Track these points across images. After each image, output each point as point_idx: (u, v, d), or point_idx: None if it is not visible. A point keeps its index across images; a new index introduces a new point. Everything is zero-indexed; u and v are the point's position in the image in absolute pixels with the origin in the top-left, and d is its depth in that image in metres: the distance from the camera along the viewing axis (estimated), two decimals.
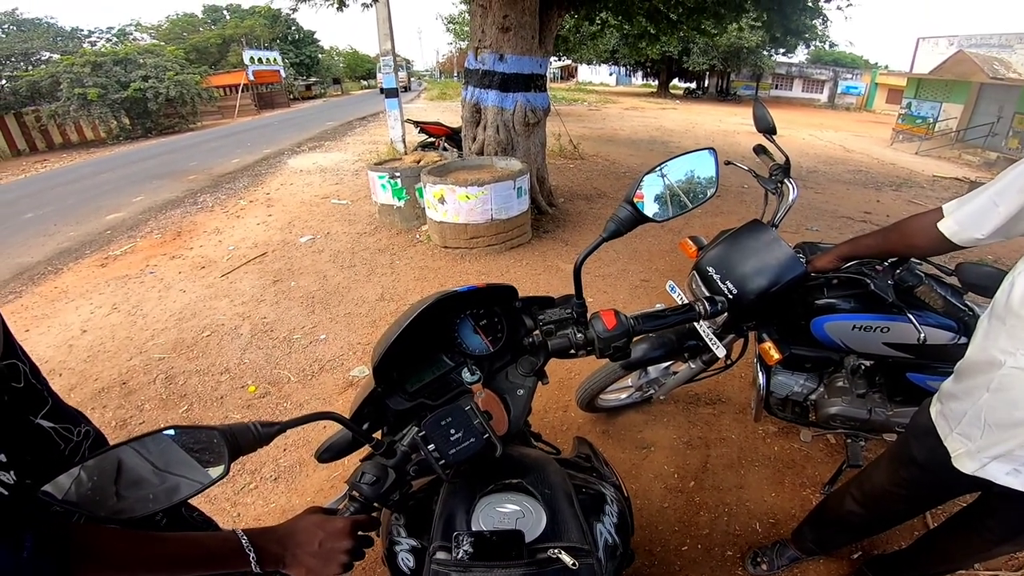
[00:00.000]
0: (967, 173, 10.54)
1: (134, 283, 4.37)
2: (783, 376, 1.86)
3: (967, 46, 15.79)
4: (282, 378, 2.97)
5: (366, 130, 13.90)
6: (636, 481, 2.18)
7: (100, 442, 0.86)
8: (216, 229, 5.71)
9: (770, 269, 1.44)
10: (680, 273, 3.95)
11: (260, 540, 0.74)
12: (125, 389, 2.92)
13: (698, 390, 2.70)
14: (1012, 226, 1.00)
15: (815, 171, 9.31)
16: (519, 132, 5.31)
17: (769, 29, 8.11)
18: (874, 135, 17.52)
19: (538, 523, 0.80)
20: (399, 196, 5.12)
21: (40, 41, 21.86)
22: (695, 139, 12.59)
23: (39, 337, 3.55)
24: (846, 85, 32.97)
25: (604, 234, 0.94)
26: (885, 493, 1.35)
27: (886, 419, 1.71)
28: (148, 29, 33.36)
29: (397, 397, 0.96)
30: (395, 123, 8.70)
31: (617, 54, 27.77)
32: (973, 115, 15.12)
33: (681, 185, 1.03)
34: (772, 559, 1.79)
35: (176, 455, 0.65)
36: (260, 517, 2.09)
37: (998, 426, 1.00)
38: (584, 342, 0.94)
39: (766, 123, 1.74)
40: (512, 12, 4.72)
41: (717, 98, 32.56)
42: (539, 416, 2.56)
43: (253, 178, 8.22)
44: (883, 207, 6.85)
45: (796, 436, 2.39)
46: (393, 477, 0.82)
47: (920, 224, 1.17)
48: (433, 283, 4.12)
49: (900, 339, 1.54)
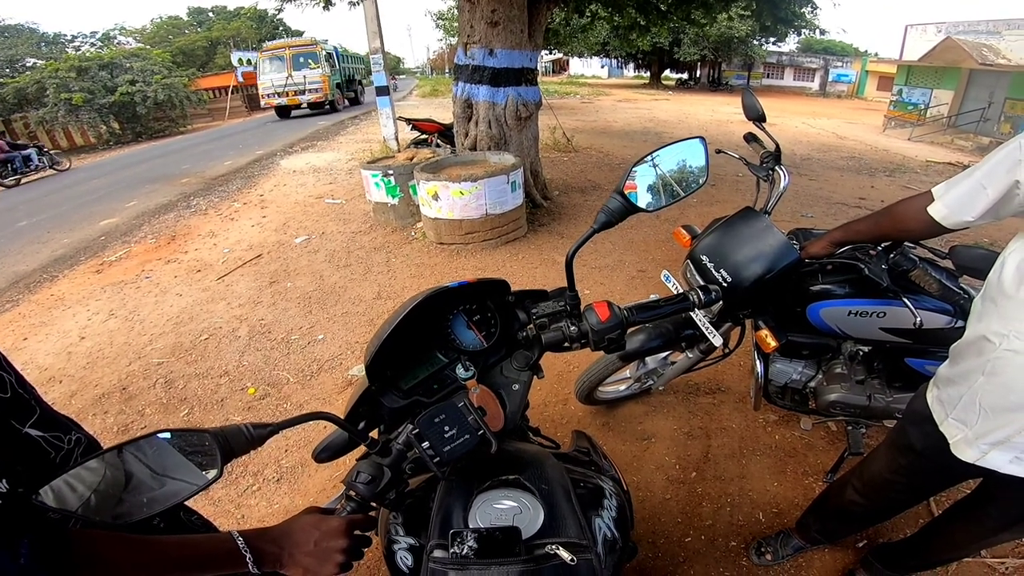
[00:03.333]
0: (960, 158, 10.55)
1: (130, 288, 4.35)
2: (781, 364, 1.86)
3: (955, 33, 15.75)
4: (281, 379, 2.96)
5: (358, 129, 13.82)
6: (638, 473, 2.19)
7: (92, 449, 0.85)
8: (211, 232, 5.68)
9: (764, 256, 1.44)
10: (677, 262, 3.95)
11: (256, 541, 0.74)
12: (125, 394, 2.91)
13: (697, 379, 2.70)
14: (1001, 207, 0.99)
15: (809, 158, 9.31)
16: (511, 126, 5.29)
17: (759, 18, 8.10)
18: (866, 122, 17.51)
19: (536, 519, 0.79)
20: (393, 194, 5.10)
21: (24, 47, 21.70)
22: (688, 129, 12.57)
23: (38, 345, 3.54)
24: (837, 73, 33.00)
25: (595, 225, 0.93)
26: (885, 482, 1.35)
27: (886, 405, 1.71)
28: (132, 33, 33.11)
29: (391, 395, 0.95)
30: (387, 121, 8.66)
31: (608, 46, 27.66)
32: (964, 101, 15.11)
33: (672, 174, 1.03)
34: (776, 549, 1.79)
35: (172, 458, 0.65)
36: (264, 518, 2.09)
37: (994, 410, 0.99)
38: (578, 335, 0.94)
39: (755, 111, 1.73)
40: (500, 6, 4.70)
41: (709, 88, 32.52)
42: (538, 410, 2.56)
43: (246, 180, 8.18)
44: (877, 193, 6.85)
45: (797, 424, 2.40)
46: (389, 476, 0.81)
47: (911, 208, 1.17)
48: (429, 280, 4.11)
49: (897, 324, 1.54)
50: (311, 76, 17.30)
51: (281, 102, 17.30)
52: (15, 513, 0.60)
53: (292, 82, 17.00)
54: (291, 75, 17.04)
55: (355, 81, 22.54)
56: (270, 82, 17.09)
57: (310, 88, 17.26)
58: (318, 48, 17.54)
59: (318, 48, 17.54)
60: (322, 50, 17.60)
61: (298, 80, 17.11)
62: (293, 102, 17.38)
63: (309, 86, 17.25)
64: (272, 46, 18.04)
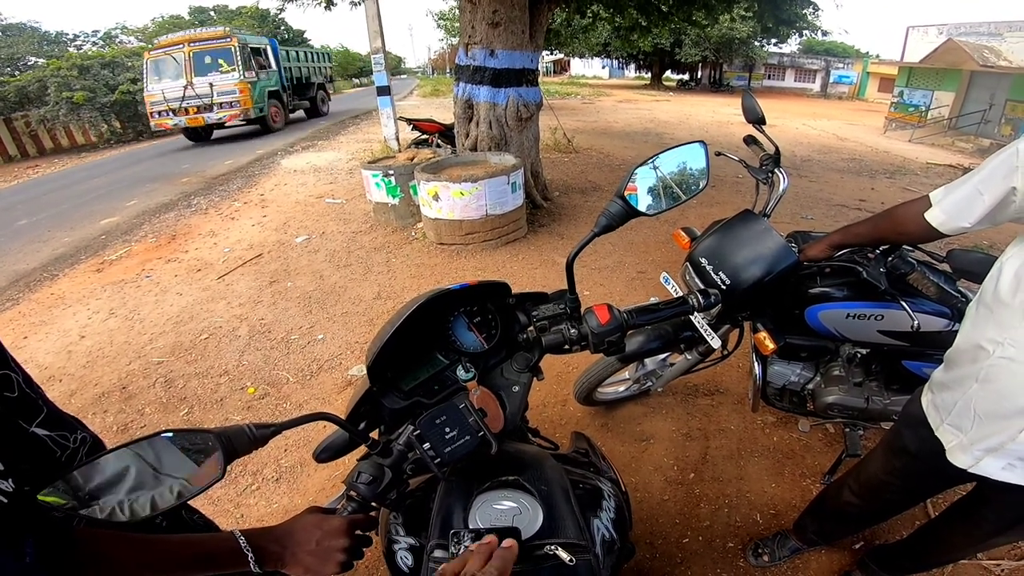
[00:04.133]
0: (961, 160, 10.55)
1: (130, 287, 4.36)
2: (779, 366, 1.87)
3: (956, 35, 15.76)
4: (281, 379, 2.97)
5: (359, 128, 13.82)
6: (636, 474, 2.19)
7: (97, 448, 0.86)
8: (211, 231, 5.69)
9: (763, 259, 1.45)
10: (676, 264, 3.96)
11: (258, 540, 0.75)
12: (125, 394, 2.92)
13: (696, 381, 2.71)
14: (998, 213, 0.99)
15: (809, 160, 9.32)
16: (512, 127, 5.30)
17: (760, 19, 8.11)
18: (867, 123, 17.52)
19: (535, 520, 0.80)
20: (393, 194, 5.10)
21: (25, 46, 21.65)
22: (689, 130, 12.58)
23: (38, 344, 3.54)
24: (838, 74, 33.00)
25: (596, 229, 0.94)
26: (880, 483, 1.36)
27: (883, 407, 1.72)
28: (134, 32, 33.01)
29: (392, 396, 0.96)
30: (388, 121, 8.66)
31: (609, 47, 27.66)
32: (965, 103, 15.13)
33: (673, 177, 1.03)
34: (774, 550, 1.80)
35: (175, 458, 0.66)
36: (263, 518, 2.09)
37: (988, 417, 0.99)
38: (578, 337, 0.95)
39: (755, 114, 1.74)
40: (501, 7, 4.71)
41: (710, 89, 32.53)
42: (538, 411, 2.56)
43: (247, 179, 8.18)
44: (877, 195, 6.86)
45: (795, 426, 2.41)
46: (390, 476, 0.82)
47: (909, 212, 1.17)
48: (429, 280, 4.12)
49: (894, 327, 1.55)
50: (221, 84, 11.82)
51: (178, 122, 11.98)
52: (20, 512, 0.61)
53: (193, 94, 11.69)
54: (191, 83, 11.68)
55: (313, 85, 17.21)
56: (161, 94, 11.75)
57: (221, 101, 11.83)
58: (232, 42, 11.93)
59: (232, 42, 11.93)
60: (238, 44, 11.98)
61: (201, 90, 11.72)
62: (195, 123, 12.00)
63: (219, 98, 11.81)
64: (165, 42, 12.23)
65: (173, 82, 11.77)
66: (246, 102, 12.09)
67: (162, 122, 12.07)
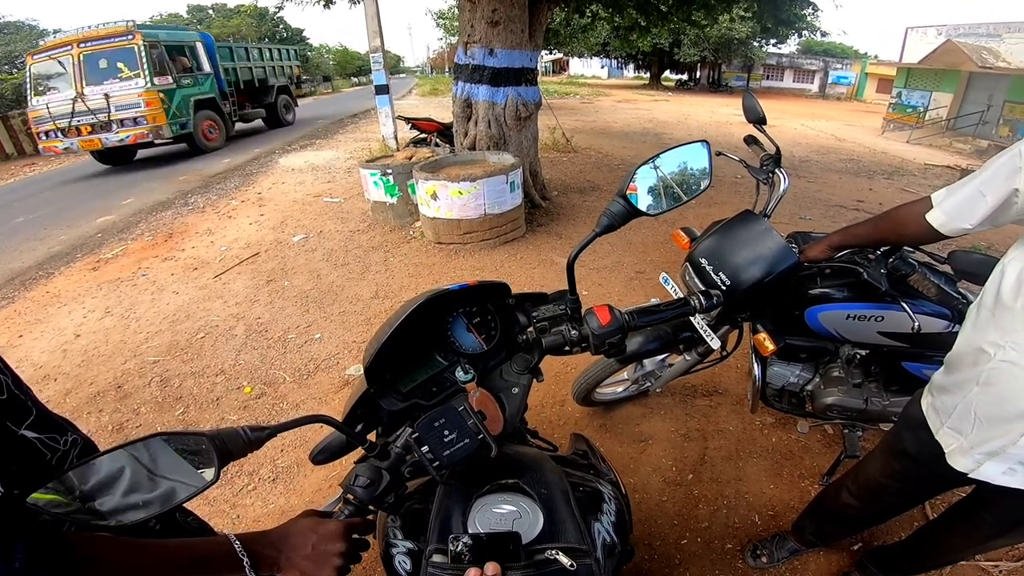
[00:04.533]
0: (958, 161, 10.58)
1: (126, 286, 4.33)
2: (779, 367, 1.87)
3: (955, 35, 15.83)
4: (278, 378, 2.95)
5: (357, 127, 13.78)
6: (634, 475, 2.19)
7: (88, 450, 0.85)
8: (208, 230, 5.66)
9: (763, 260, 1.44)
10: (675, 264, 3.95)
11: (253, 544, 0.74)
12: (120, 393, 2.90)
13: (695, 382, 2.70)
14: (1000, 215, 0.99)
15: (807, 160, 9.33)
16: (511, 126, 5.29)
17: (760, 20, 8.11)
18: (865, 124, 17.56)
19: (535, 524, 0.79)
20: (391, 193, 5.09)
21: (23, 44, 21.54)
22: (688, 130, 12.59)
23: (33, 342, 3.52)
24: (836, 75, 33.09)
25: (597, 229, 0.93)
26: (879, 485, 1.35)
27: (882, 409, 1.72)
28: None
29: (390, 398, 0.95)
30: (386, 120, 8.65)
31: (608, 47, 27.67)
32: (963, 104, 15.18)
33: (674, 177, 1.02)
34: (772, 551, 1.79)
35: (170, 459, 0.65)
36: (259, 519, 2.08)
37: (989, 421, 0.99)
38: (578, 339, 0.94)
39: (756, 114, 1.73)
40: (501, 6, 4.70)
41: (709, 89, 32.58)
42: (536, 411, 2.55)
43: (244, 178, 8.15)
44: (875, 195, 6.87)
45: (793, 427, 2.41)
46: (387, 479, 0.81)
47: (910, 213, 1.16)
48: (427, 279, 4.11)
49: (894, 328, 1.54)
50: (120, 95, 8.88)
51: (70, 145, 9.14)
52: (10, 516, 0.60)
53: (84, 108, 8.78)
54: (81, 95, 8.80)
55: (272, 89, 13.89)
56: (46, 109, 8.97)
57: (121, 117, 8.89)
58: (135, 40, 8.89)
59: (135, 40, 8.89)
60: (144, 43, 8.94)
61: (95, 103, 8.79)
62: (90, 145, 9.13)
63: (117, 113, 8.86)
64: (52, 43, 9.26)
65: (60, 94, 9.02)
66: (156, 117, 9.06)
67: (50, 144, 9.28)
